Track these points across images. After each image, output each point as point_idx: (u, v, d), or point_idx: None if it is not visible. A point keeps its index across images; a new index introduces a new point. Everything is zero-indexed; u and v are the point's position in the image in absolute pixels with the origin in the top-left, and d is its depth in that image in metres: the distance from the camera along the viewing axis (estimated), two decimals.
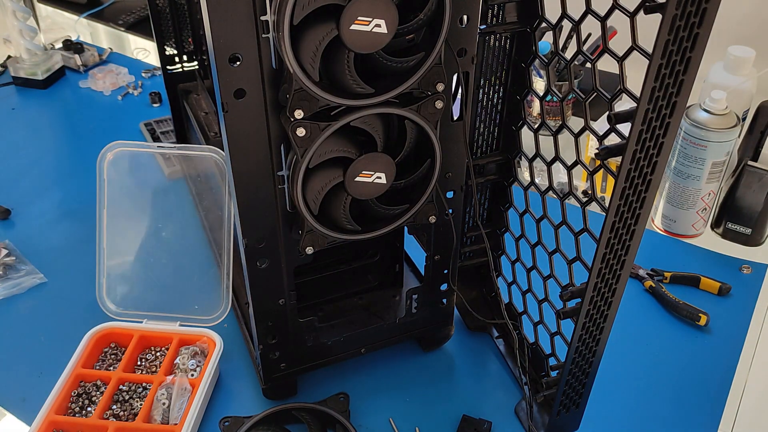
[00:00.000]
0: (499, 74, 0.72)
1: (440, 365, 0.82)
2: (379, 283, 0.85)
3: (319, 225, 0.63)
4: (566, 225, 0.67)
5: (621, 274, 0.59)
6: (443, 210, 0.71)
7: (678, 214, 0.98)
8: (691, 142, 0.91)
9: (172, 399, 0.74)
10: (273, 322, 0.71)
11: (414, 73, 0.57)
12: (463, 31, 0.60)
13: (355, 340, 0.77)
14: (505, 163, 0.78)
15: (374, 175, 0.61)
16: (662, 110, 0.49)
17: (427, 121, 0.60)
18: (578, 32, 0.60)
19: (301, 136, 0.56)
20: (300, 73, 0.53)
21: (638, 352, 0.83)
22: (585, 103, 0.60)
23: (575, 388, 0.69)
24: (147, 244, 0.90)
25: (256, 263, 0.66)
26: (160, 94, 1.32)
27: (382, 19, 0.52)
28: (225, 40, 0.52)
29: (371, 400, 0.78)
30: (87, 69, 1.43)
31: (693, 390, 0.78)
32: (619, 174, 0.52)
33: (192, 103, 1.03)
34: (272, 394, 0.77)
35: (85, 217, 1.02)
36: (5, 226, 1.04)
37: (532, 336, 0.76)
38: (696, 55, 0.46)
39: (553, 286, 0.70)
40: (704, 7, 0.44)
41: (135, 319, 0.84)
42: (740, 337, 0.84)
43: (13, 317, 0.89)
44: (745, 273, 0.93)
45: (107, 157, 0.83)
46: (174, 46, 1.07)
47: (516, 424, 0.75)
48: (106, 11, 1.69)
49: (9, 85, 1.39)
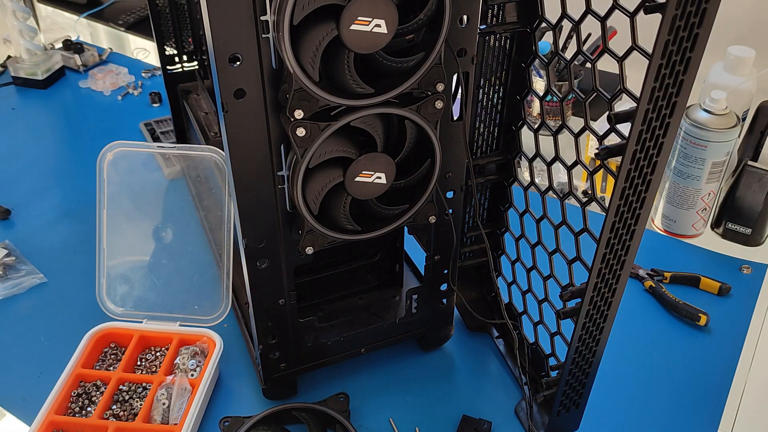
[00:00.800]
0: (499, 74, 0.72)
1: (440, 365, 0.82)
2: (379, 283, 0.85)
3: (319, 225, 0.63)
4: (566, 225, 0.67)
5: (621, 274, 0.59)
6: (443, 210, 0.71)
7: (678, 214, 0.98)
8: (691, 142, 0.91)
9: (172, 399, 0.74)
10: (273, 322, 0.71)
11: (414, 73, 0.57)
12: (463, 31, 0.60)
13: (355, 340, 0.77)
14: (505, 163, 0.78)
15: (374, 175, 0.61)
16: (662, 110, 0.49)
17: (427, 121, 0.60)
18: (578, 32, 0.60)
19: (301, 136, 0.56)
20: (300, 73, 0.53)
21: (638, 352, 0.83)
22: (585, 103, 0.60)
23: (575, 388, 0.69)
24: (147, 244, 0.90)
25: (256, 263, 0.66)
26: (160, 94, 1.32)
27: (382, 19, 0.52)
28: (225, 40, 0.52)
29: (371, 400, 0.78)
30: (87, 69, 1.43)
31: (693, 390, 0.78)
32: (619, 174, 0.52)
33: (192, 103, 1.03)
34: (272, 394, 0.77)
35: (85, 217, 1.02)
36: (5, 226, 1.04)
37: (532, 336, 0.76)
38: (696, 55, 0.46)
39: (553, 286, 0.70)
40: (704, 7, 0.44)
41: (135, 319, 0.84)
42: (740, 337, 0.84)
43: (13, 317, 0.89)
44: (745, 273, 0.93)
45: (107, 157, 0.83)
46: (174, 46, 1.07)
47: (516, 424, 0.75)
48: (106, 11, 1.69)
49: (9, 85, 1.39)
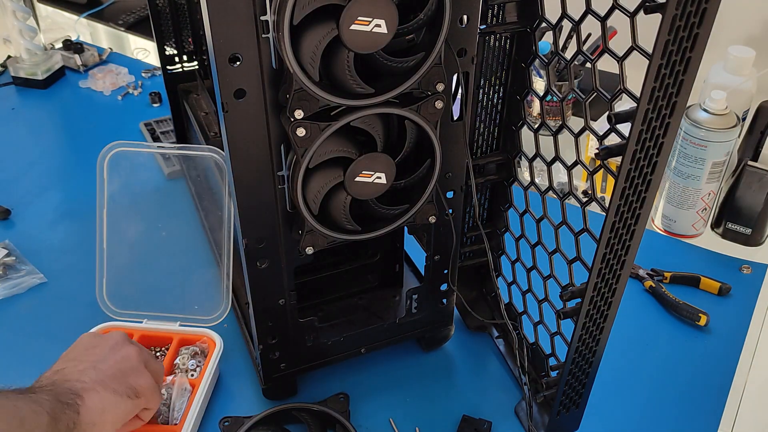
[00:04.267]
0: (499, 74, 0.72)
1: (440, 365, 0.82)
2: (379, 283, 0.85)
3: (319, 225, 0.63)
4: (566, 225, 0.67)
5: (621, 274, 0.59)
6: (443, 210, 0.71)
7: (678, 214, 0.98)
8: (691, 142, 0.91)
9: (172, 399, 0.74)
10: (273, 322, 0.71)
11: (414, 73, 0.57)
12: (463, 31, 0.60)
13: (355, 340, 0.77)
14: (505, 163, 0.78)
15: (374, 175, 0.61)
16: (662, 110, 0.49)
17: (427, 121, 0.60)
18: (578, 32, 0.60)
19: (301, 136, 0.56)
20: (300, 73, 0.53)
21: (638, 352, 0.83)
22: (585, 103, 0.60)
23: (575, 388, 0.69)
24: (147, 244, 0.90)
25: (256, 263, 0.66)
26: (160, 94, 1.32)
27: (382, 19, 0.51)
28: (225, 40, 0.52)
29: (371, 400, 0.78)
30: (87, 69, 1.43)
31: (693, 390, 0.78)
32: (619, 174, 0.52)
33: (192, 103, 1.03)
34: (272, 394, 0.77)
35: (85, 217, 1.02)
36: (5, 226, 1.04)
37: (532, 336, 0.76)
38: (696, 55, 0.46)
39: (553, 286, 0.70)
40: (704, 7, 0.44)
41: (135, 319, 0.84)
42: (740, 337, 0.84)
43: (13, 317, 0.89)
44: (745, 273, 0.93)
45: (107, 157, 0.83)
46: (174, 46, 1.07)
47: (516, 424, 0.75)
48: (106, 11, 1.68)
49: (9, 85, 1.39)
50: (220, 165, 0.82)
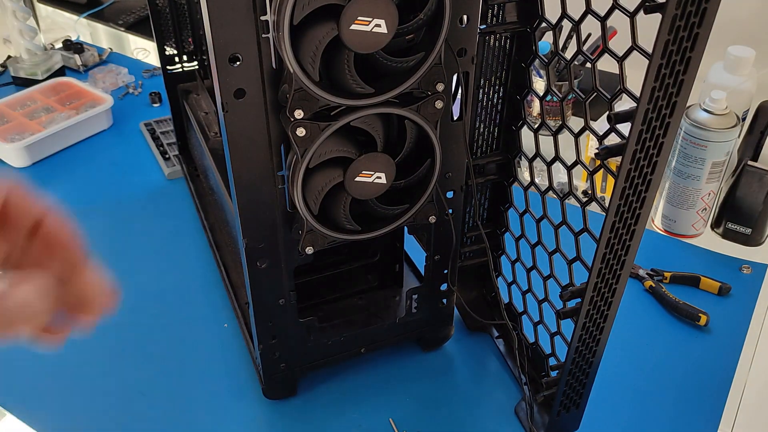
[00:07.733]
0: (499, 74, 0.72)
1: (440, 365, 0.82)
2: (379, 283, 0.85)
3: (319, 225, 0.63)
4: (566, 225, 0.67)
5: (621, 274, 0.59)
6: (443, 210, 0.71)
7: (678, 214, 0.98)
8: (691, 142, 0.91)
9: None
10: (273, 322, 0.71)
11: (414, 73, 0.57)
12: (463, 31, 0.60)
13: (355, 340, 0.77)
14: (505, 163, 0.78)
15: (374, 175, 0.61)
16: (662, 110, 0.49)
17: (427, 121, 0.60)
18: (578, 32, 0.60)
19: (301, 136, 0.56)
20: (300, 73, 0.53)
21: (638, 352, 0.83)
22: (585, 103, 0.60)
23: (575, 388, 0.69)
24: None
25: (256, 263, 0.66)
26: (160, 94, 1.32)
27: (382, 19, 0.51)
28: (225, 40, 0.52)
29: (371, 400, 0.78)
30: (87, 69, 1.43)
31: (693, 390, 0.78)
32: (619, 174, 0.52)
33: (192, 103, 1.03)
34: (272, 394, 0.77)
35: (85, 217, 1.02)
36: None
37: (532, 336, 0.76)
38: (696, 55, 0.46)
39: (553, 286, 0.70)
40: (704, 7, 0.44)
41: None
42: (740, 337, 0.84)
43: None
44: (745, 273, 0.93)
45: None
46: (174, 46, 1.07)
47: (516, 424, 0.75)
48: (106, 11, 1.68)
49: (9, 85, 1.39)
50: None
